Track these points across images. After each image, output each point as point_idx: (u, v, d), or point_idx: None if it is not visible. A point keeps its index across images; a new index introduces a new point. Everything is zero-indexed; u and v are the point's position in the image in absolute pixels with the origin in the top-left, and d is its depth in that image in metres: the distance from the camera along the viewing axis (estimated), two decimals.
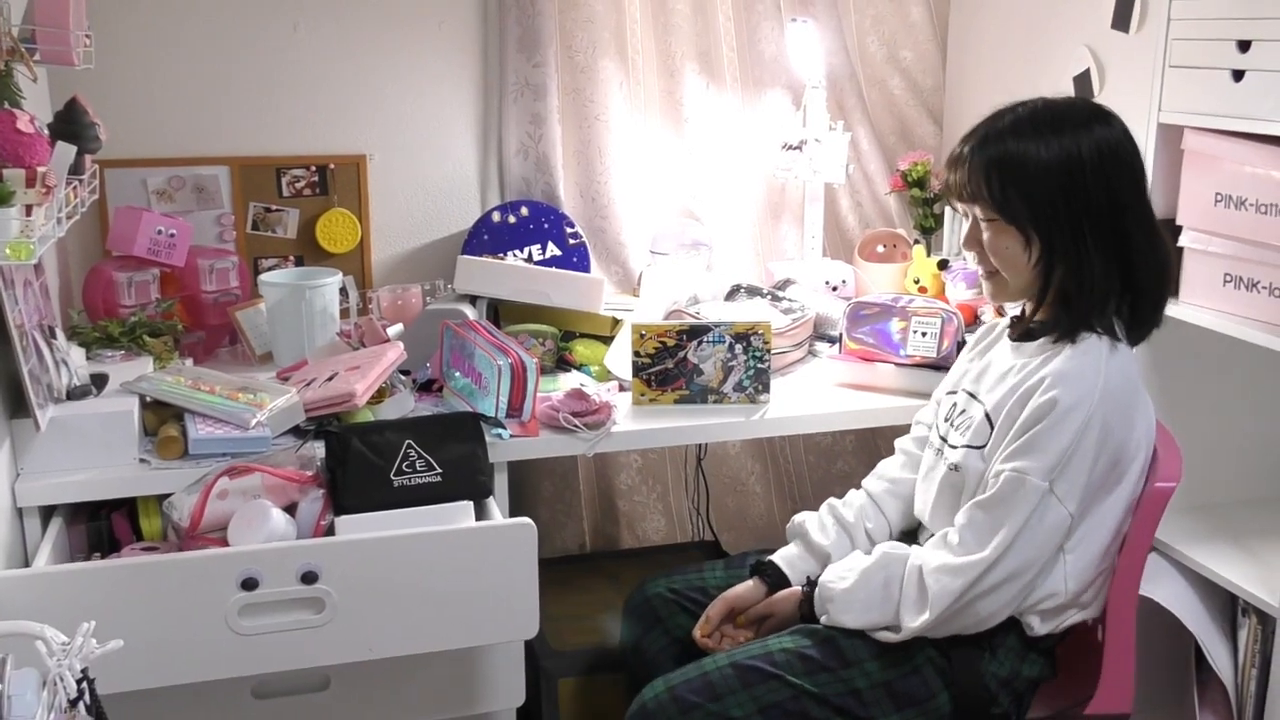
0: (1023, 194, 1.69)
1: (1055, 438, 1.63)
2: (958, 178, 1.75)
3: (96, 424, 1.89)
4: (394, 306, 2.55)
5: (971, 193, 1.73)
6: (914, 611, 1.68)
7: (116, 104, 2.39)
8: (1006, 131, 1.71)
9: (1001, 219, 1.72)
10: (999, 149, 1.70)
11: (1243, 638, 2.00)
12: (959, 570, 1.66)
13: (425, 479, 1.92)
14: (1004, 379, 1.76)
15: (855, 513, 1.94)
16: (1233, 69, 1.89)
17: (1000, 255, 1.74)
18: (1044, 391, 1.65)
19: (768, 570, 1.90)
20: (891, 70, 2.93)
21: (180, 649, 1.70)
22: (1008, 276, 1.76)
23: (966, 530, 1.68)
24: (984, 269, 1.79)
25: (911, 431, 2.03)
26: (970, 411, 1.80)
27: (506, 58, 2.66)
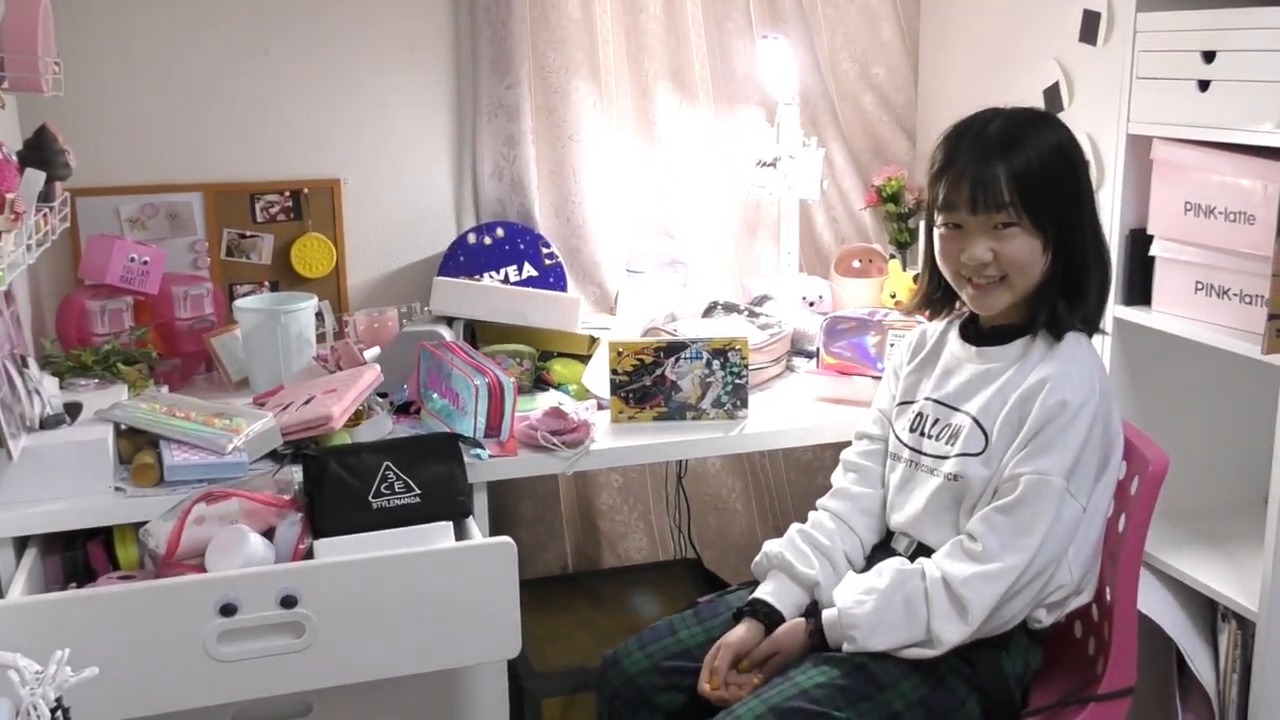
0: (1045, 195, 1.71)
1: (1070, 437, 1.67)
2: (977, 183, 1.71)
3: (71, 453, 1.87)
4: (370, 330, 2.55)
5: (996, 202, 1.70)
6: (950, 623, 1.67)
7: (87, 131, 2.39)
8: (1009, 137, 1.72)
9: (1025, 223, 1.71)
10: (1018, 155, 1.70)
11: (1223, 643, 2.01)
12: (994, 577, 1.66)
13: (404, 500, 1.91)
14: (984, 384, 1.77)
15: (828, 535, 1.88)
16: (1198, 79, 1.91)
17: (1019, 260, 1.72)
18: (1050, 394, 1.69)
19: (760, 610, 1.83)
20: (864, 87, 2.95)
21: (159, 677, 1.68)
22: (1019, 281, 1.74)
23: (990, 537, 1.68)
24: (983, 281, 1.75)
25: (856, 446, 1.99)
26: (951, 421, 1.79)
27: (479, 79, 2.67)
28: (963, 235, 1.75)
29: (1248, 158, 1.85)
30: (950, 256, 1.78)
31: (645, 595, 2.60)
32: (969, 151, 1.74)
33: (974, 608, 1.66)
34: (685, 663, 1.84)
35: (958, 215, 1.75)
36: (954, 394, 1.81)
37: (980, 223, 1.73)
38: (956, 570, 1.68)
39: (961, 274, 1.77)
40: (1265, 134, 1.80)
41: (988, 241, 1.73)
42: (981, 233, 1.73)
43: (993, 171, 1.70)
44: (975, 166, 1.72)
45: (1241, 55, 1.84)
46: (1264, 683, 1.89)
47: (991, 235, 1.72)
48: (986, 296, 1.77)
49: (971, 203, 1.72)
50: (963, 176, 1.72)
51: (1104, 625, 1.84)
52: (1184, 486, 2.24)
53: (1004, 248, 1.72)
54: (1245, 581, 1.97)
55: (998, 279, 1.75)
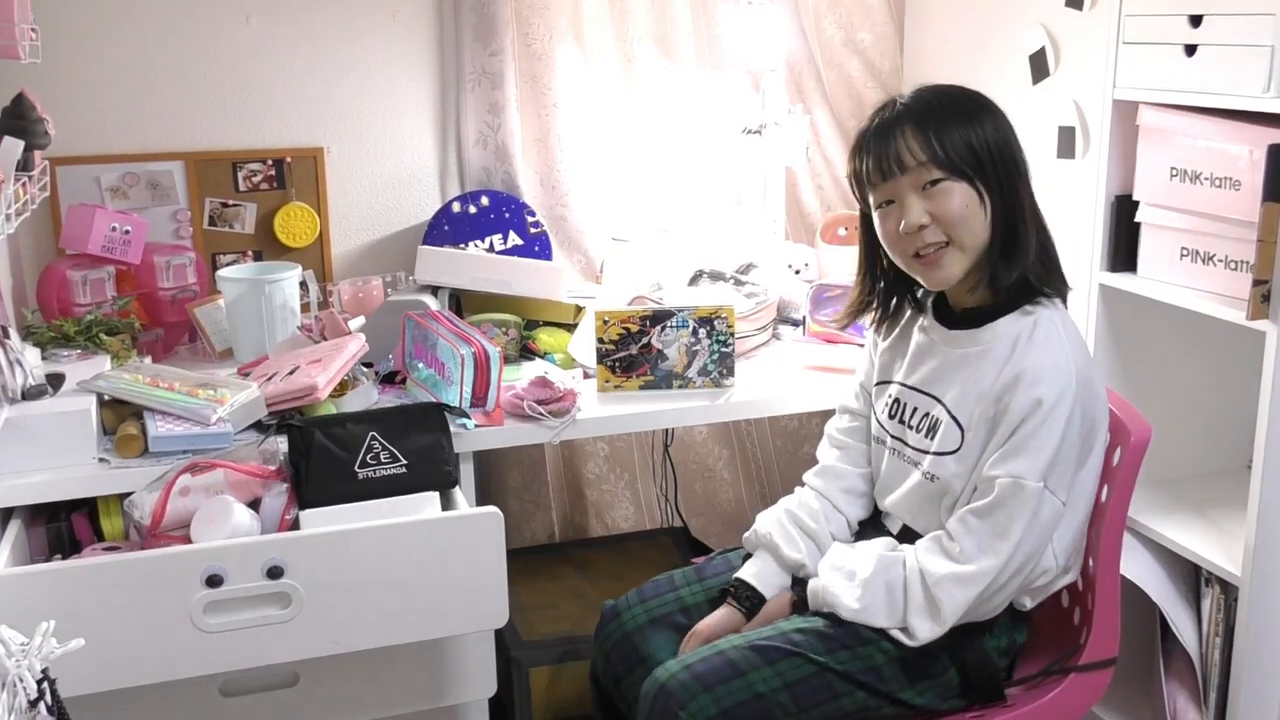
0: (965, 142, 1.65)
1: (1046, 437, 1.62)
2: (890, 150, 1.67)
3: (54, 424, 1.86)
4: (355, 299, 2.54)
5: (913, 159, 1.65)
6: (925, 619, 1.66)
7: (66, 99, 2.36)
8: (912, 103, 1.69)
9: (951, 176, 1.65)
10: (927, 110, 1.67)
11: (1206, 607, 2.02)
12: (968, 581, 1.65)
13: (390, 470, 1.91)
14: (956, 371, 1.73)
15: (813, 517, 1.86)
16: (1185, 44, 1.91)
17: (956, 214, 1.66)
18: (1025, 390, 1.63)
19: (743, 592, 1.82)
20: (849, 53, 2.94)
21: (145, 648, 1.68)
22: (965, 238, 1.67)
23: (966, 538, 1.66)
24: (932, 245, 1.68)
25: (838, 420, 1.96)
26: (930, 413, 1.75)
27: (463, 47, 2.65)
28: (894, 210, 1.69)
29: (1234, 123, 1.85)
30: (890, 236, 1.72)
31: (632, 564, 2.61)
32: (884, 123, 1.70)
33: (945, 609, 1.65)
34: (684, 620, 1.85)
35: (884, 188, 1.69)
36: (927, 379, 1.77)
37: (908, 185, 1.67)
38: (933, 567, 1.67)
39: (908, 252, 1.70)
40: (1251, 99, 1.80)
41: (920, 204, 1.67)
42: (911, 196, 1.67)
43: (896, 127, 1.67)
44: (880, 131, 1.69)
45: (1228, 19, 1.83)
46: (1246, 646, 1.91)
47: (922, 196, 1.67)
48: (937, 267, 1.69)
49: (882, 168, 1.68)
50: (871, 148, 1.70)
51: (1088, 595, 1.85)
52: (1168, 452, 2.26)
53: (937, 206, 1.66)
54: (1228, 546, 1.98)
55: (942, 244, 1.68)
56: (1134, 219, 2.07)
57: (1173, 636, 2.04)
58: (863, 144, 1.72)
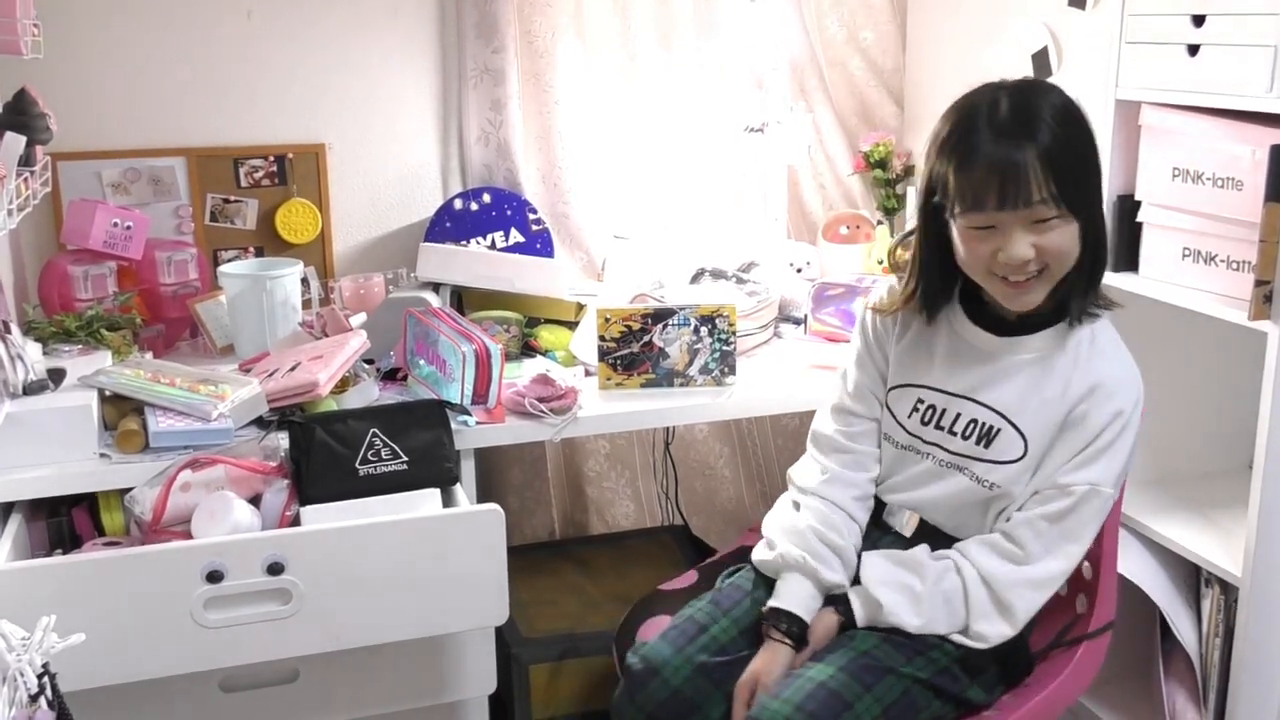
0: (1075, 176, 1.59)
1: (1122, 446, 1.66)
2: (1016, 182, 1.56)
3: (55, 419, 1.86)
4: (356, 296, 2.54)
5: (1031, 197, 1.56)
6: (993, 624, 1.68)
7: (68, 95, 2.36)
8: (1028, 116, 1.58)
9: (1063, 212, 1.58)
10: (1043, 135, 1.57)
11: (1206, 608, 2.02)
12: (1042, 584, 1.68)
13: (391, 467, 1.91)
14: (1010, 379, 1.70)
15: (838, 532, 1.78)
16: (1188, 44, 1.91)
17: (1062, 251, 1.60)
18: (1104, 401, 1.65)
19: (784, 624, 1.72)
20: (852, 51, 2.93)
21: (145, 644, 1.68)
22: (1059, 270, 1.62)
23: (1035, 543, 1.67)
24: (1021, 277, 1.62)
25: (836, 423, 1.86)
26: (980, 419, 1.71)
27: (465, 44, 2.64)
28: (993, 235, 1.61)
29: (1236, 123, 1.85)
30: (980, 257, 1.63)
31: (633, 561, 2.61)
32: (989, 139, 1.58)
33: (1020, 612, 1.67)
34: (723, 657, 1.75)
35: (988, 215, 1.60)
36: (973, 386, 1.73)
37: (1016, 219, 1.58)
38: (999, 572, 1.67)
39: (993, 272, 1.64)
40: (1254, 99, 1.80)
41: (1027, 237, 1.59)
42: (1019, 229, 1.59)
43: (1022, 159, 1.56)
44: (1001, 155, 1.57)
45: (1231, 19, 1.83)
46: (1246, 647, 1.91)
47: (1030, 230, 1.59)
48: (1025, 293, 1.64)
49: (1002, 199, 1.57)
50: (990, 171, 1.57)
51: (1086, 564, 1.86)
52: (1169, 452, 2.26)
53: (1045, 240, 1.59)
54: (1229, 546, 1.98)
55: (1036, 272, 1.62)
56: (1136, 219, 2.07)
57: (1172, 636, 2.04)
58: (972, 147, 1.59)
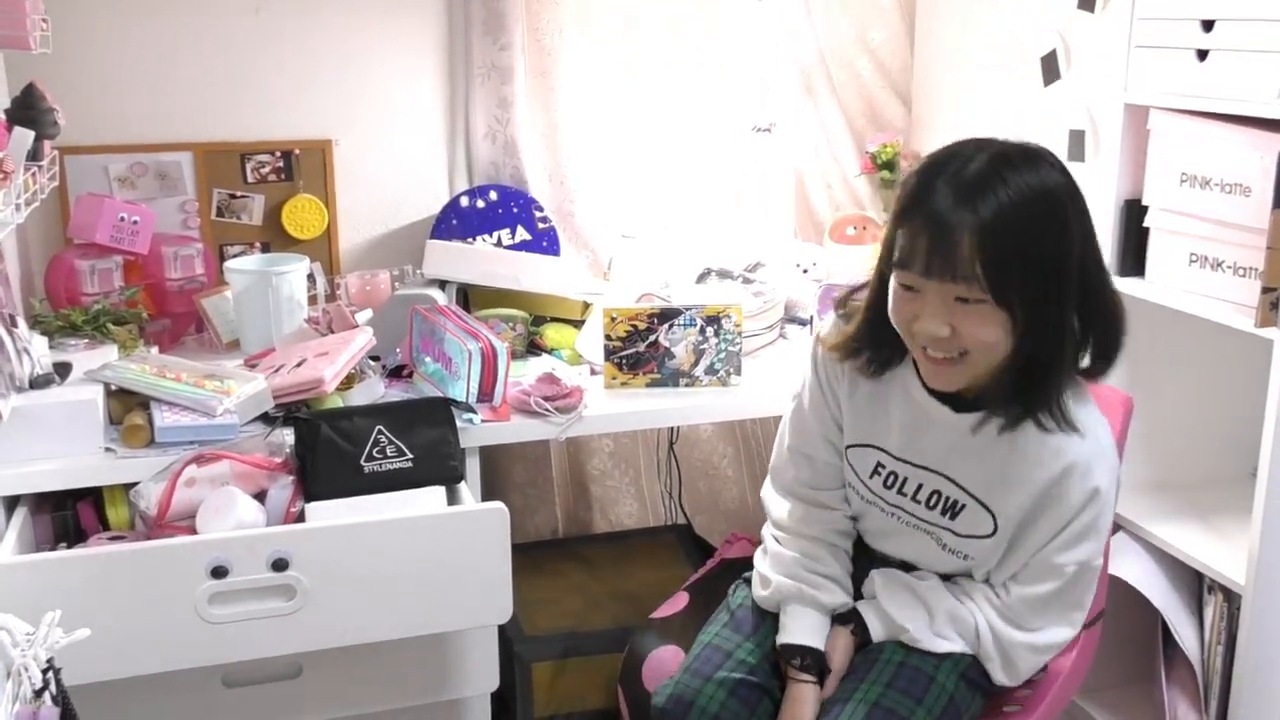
0: (1018, 265, 1.46)
1: (1104, 518, 1.64)
2: (941, 252, 1.45)
3: (61, 413, 1.87)
4: (362, 292, 2.54)
5: (957, 273, 1.45)
6: (995, 668, 1.69)
7: (76, 89, 2.36)
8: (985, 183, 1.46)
9: (990, 299, 1.46)
10: (989, 208, 1.44)
11: (1209, 615, 2.02)
12: (1045, 649, 1.70)
13: (396, 465, 1.91)
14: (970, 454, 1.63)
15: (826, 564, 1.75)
16: (1197, 49, 1.90)
17: (981, 340, 1.50)
18: (1079, 482, 1.58)
19: (802, 659, 1.69)
20: (860, 52, 2.93)
21: (149, 638, 1.69)
22: (981, 360, 1.52)
23: (1038, 618, 1.67)
24: (938, 355, 1.53)
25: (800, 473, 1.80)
26: (944, 493, 1.66)
27: (472, 40, 2.64)
28: (917, 299, 1.51)
29: (1245, 128, 1.84)
30: (903, 318, 1.55)
31: (636, 560, 2.61)
32: (937, 196, 1.47)
33: (1023, 671, 1.70)
34: (756, 678, 1.71)
35: (913, 277, 1.50)
36: (936, 459, 1.66)
37: (938, 291, 1.48)
38: (1004, 632, 1.68)
39: (914, 338, 1.55)
40: (1263, 104, 1.79)
41: (945, 314, 1.49)
42: (939, 303, 1.49)
43: (957, 230, 1.44)
44: (941, 218, 1.46)
45: (1241, 24, 1.82)
46: (1249, 655, 1.90)
47: (951, 307, 1.49)
48: (943, 372, 1.55)
49: (928, 265, 1.47)
50: (922, 230, 1.47)
51: None
52: (1173, 458, 2.25)
53: (964, 325, 1.49)
54: (1232, 554, 1.98)
55: (956, 355, 1.52)
56: (1143, 224, 2.07)
57: (1174, 643, 2.04)
58: (918, 200, 1.49)
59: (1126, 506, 2.14)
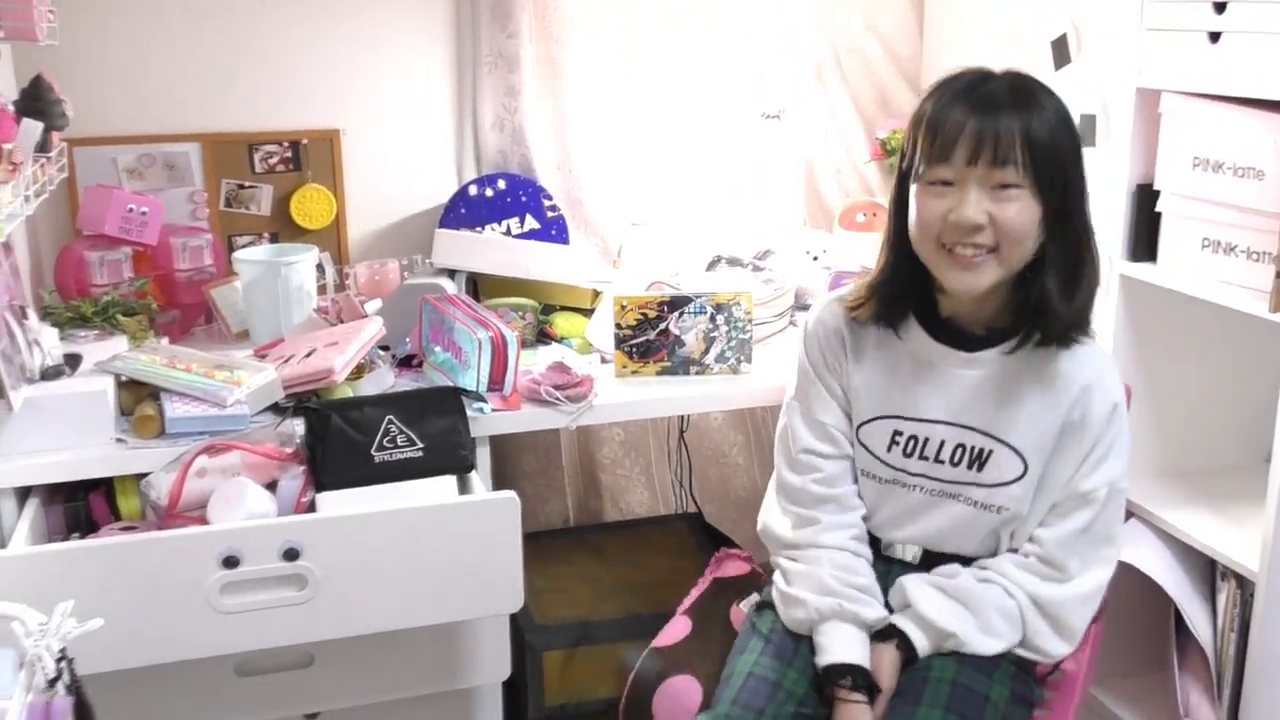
0: (1055, 163, 1.55)
1: (1124, 436, 1.65)
2: (989, 134, 1.51)
3: (71, 404, 1.87)
4: (371, 282, 2.54)
5: (1003, 157, 1.51)
6: (1054, 641, 1.67)
7: (84, 81, 2.36)
8: (1018, 93, 1.56)
9: (1030, 187, 1.54)
10: (1030, 112, 1.53)
11: (1222, 602, 2.01)
12: (1090, 597, 1.68)
13: (406, 454, 1.91)
14: (989, 398, 1.65)
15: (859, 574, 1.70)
16: (1209, 31, 1.89)
17: (1017, 229, 1.54)
18: (1099, 399, 1.62)
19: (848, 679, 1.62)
20: (869, 38, 2.92)
21: (161, 628, 1.69)
22: (1011, 255, 1.56)
23: (1073, 559, 1.65)
24: (969, 252, 1.56)
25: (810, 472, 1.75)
26: (967, 444, 1.66)
27: (480, 29, 2.64)
28: (952, 193, 1.56)
29: (1258, 111, 1.83)
30: (932, 218, 1.57)
31: (647, 549, 2.61)
32: (973, 100, 1.54)
33: (1078, 628, 1.67)
34: (808, 709, 1.65)
35: (950, 169, 1.55)
36: (953, 411, 1.67)
37: (978, 177, 1.54)
38: (1047, 594, 1.66)
39: (943, 242, 1.58)
40: (1277, 87, 1.78)
41: (984, 202, 1.54)
42: (978, 190, 1.54)
43: (1003, 123, 1.52)
44: (981, 115, 1.53)
45: (1253, 6, 1.81)
46: (1262, 642, 1.90)
47: (989, 195, 1.54)
48: (972, 272, 1.57)
49: (973, 152, 1.52)
50: (963, 124, 1.53)
51: None
52: (1186, 445, 2.25)
53: (1002, 211, 1.54)
54: (1246, 541, 1.97)
55: (987, 250, 1.56)
56: (1155, 209, 2.06)
57: (1187, 630, 2.03)
58: (950, 104, 1.56)
59: (1139, 493, 2.13)
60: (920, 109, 1.62)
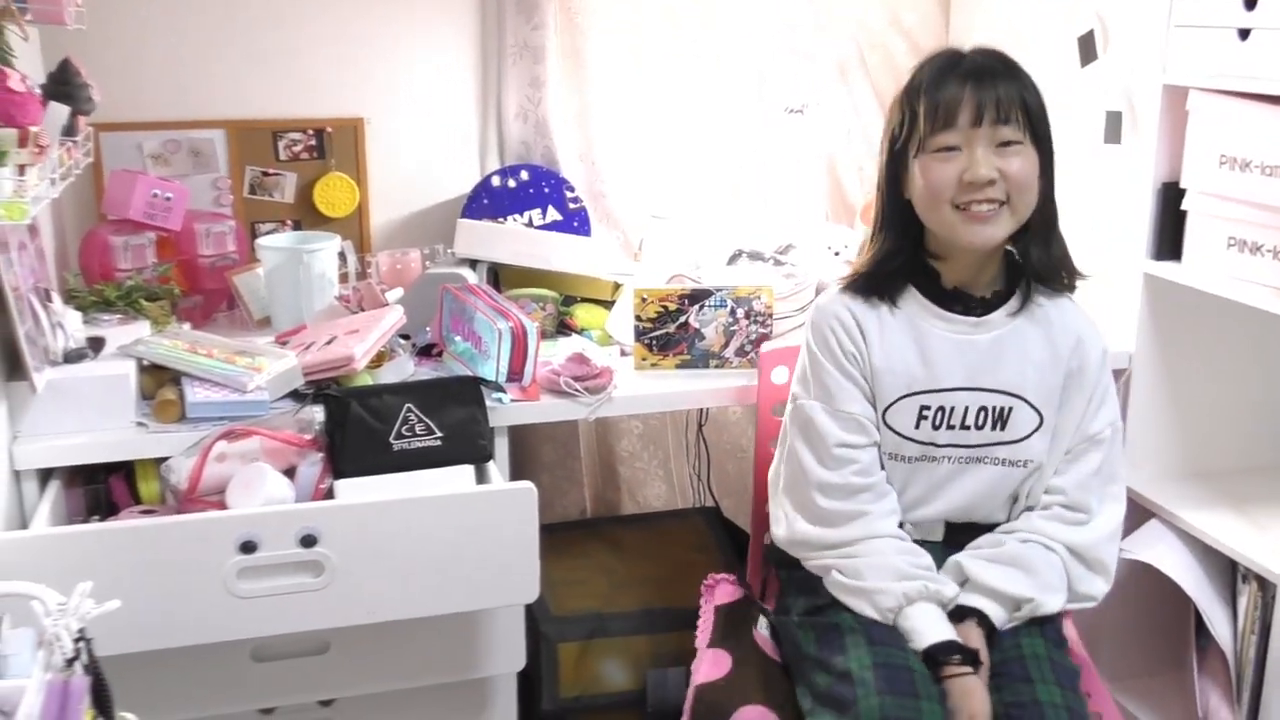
0: (1043, 112, 1.68)
1: (1112, 381, 1.79)
2: (988, 96, 1.63)
3: (93, 387, 1.88)
4: (393, 271, 2.54)
5: (1005, 115, 1.64)
6: (1096, 583, 1.75)
7: (110, 66, 2.37)
8: (1003, 63, 1.69)
9: (1028, 140, 1.66)
10: (1017, 77, 1.67)
11: (1242, 604, 2.00)
12: (1116, 533, 1.77)
13: (425, 443, 1.91)
14: (1001, 356, 1.73)
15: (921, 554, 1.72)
16: (1239, 28, 1.87)
17: (1025, 179, 1.66)
18: (1091, 347, 1.76)
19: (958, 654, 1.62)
20: (894, 33, 2.90)
21: (179, 612, 1.70)
22: (1021, 205, 1.67)
23: (1091, 498, 1.75)
24: (984, 207, 1.65)
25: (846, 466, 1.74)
26: (989, 405, 1.72)
27: (505, 19, 2.64)
28: (959, 156, 1.66)
29: None
30: (945, 181, 1.66)
31: (664, 542, 2.61)
32: (962, 71, 1.66)
33: (1112, 565, 1.75)
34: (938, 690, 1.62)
35: (955, 134, 1.65)
36: (970, 375, 1.73)
37: (983, 137, 1.65)
38: (1080, 539, 1.73)
39: (957, 203, 1.66)
40: None
41: (992, 159, 1.65)
42: (984, 148, 1.65)
43: (1000, 87, 1.65)
44: (976, 82, 1.65)
45: None
46: None
47: (995, 153, 1.65)
48: (987, 224, 1.67)
49: (976, 114, 1.64)
50: (961, 91, 1.65)
51: None
52: (1209, 445, 2.23)
53: (1009, 165, 1.65)
54: (1267, 542, 1.96)
55: (999, 204, 1.66)
56: (1181, 207, 2.04)
57: (1207, 632, 2.02)
58: (944, 74, 1.67)
59: (1160, 493, 2.12)
60: (910, 86, 1.72)
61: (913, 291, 1.77)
